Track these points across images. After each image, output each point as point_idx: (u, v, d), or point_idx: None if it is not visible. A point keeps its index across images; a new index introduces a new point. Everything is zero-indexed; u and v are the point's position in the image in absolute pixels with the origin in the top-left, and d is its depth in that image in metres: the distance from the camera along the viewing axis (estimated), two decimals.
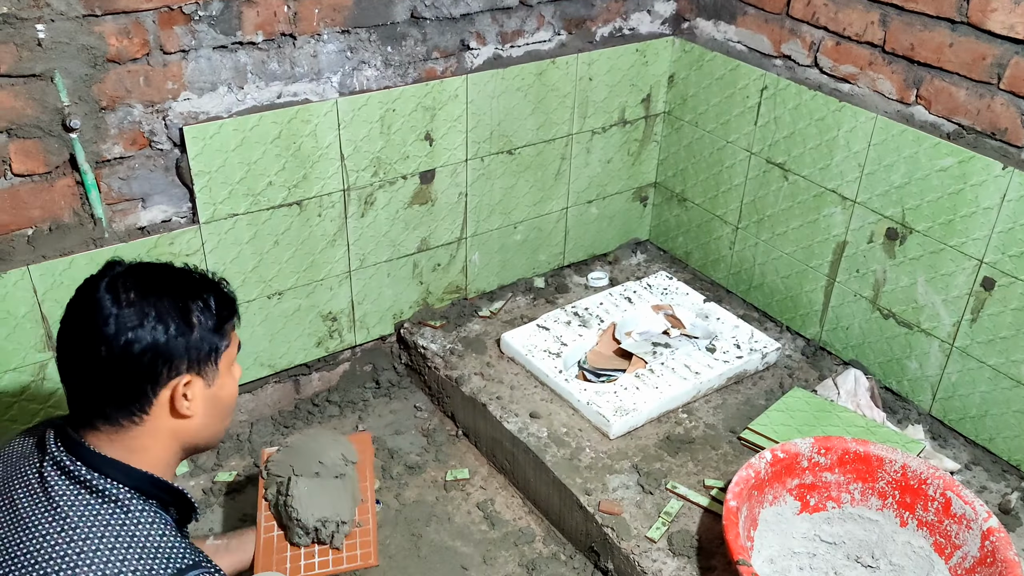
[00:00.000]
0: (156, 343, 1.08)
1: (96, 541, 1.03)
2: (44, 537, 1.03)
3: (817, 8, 2.08)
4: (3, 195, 1.67)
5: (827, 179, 2.14)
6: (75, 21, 1.60)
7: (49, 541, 1.03)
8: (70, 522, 1.04)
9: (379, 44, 1.97)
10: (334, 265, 2.12)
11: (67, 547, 1.02)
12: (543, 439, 1.97)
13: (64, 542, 1.03)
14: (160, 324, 1.09)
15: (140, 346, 1.07)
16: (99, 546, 1.03)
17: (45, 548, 1.03)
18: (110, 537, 1.04)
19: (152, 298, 1.10)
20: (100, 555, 1.02)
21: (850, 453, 1.79)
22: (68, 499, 1.06)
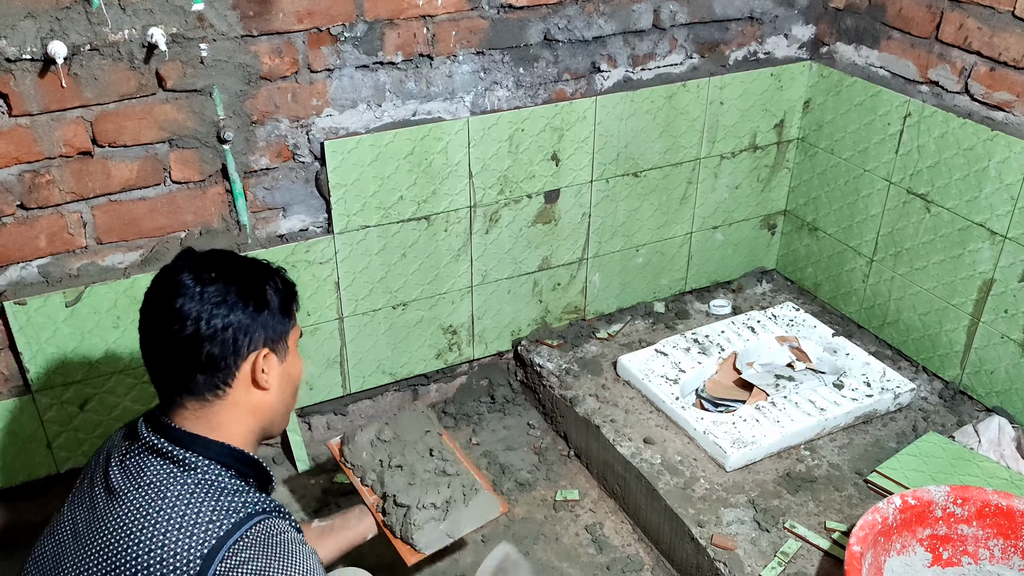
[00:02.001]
0: (238, 319, 1.17)
1: (172, 496, 1.12)
2: (130, 502, 1.13)
3: (970, 32, 1.97)
4: (162, 200, 1.80)
5: (974, 212, 2.02)
6: (234, 41, 1.72)
7: (132, 504, 1.13)
8: (152, 486, 1.14)
9: (512, 65, 2.02)
10: (457, 280, 2.16)
11: (147, 504, 1.12)
12: (656, 466, 1.94)
13: (144, 501, 1.12)
14: (240, 301, 1.18)
15: (223, 321, 1.16)
16: (175, 500, 1.12)
17: (129, 510, 1.12)
18: (185, 492, 1.13)
19: (231, 279, 1.19)
20: (175, 506, 1.11)
21: (991, 506, 1.67)
22: (152, 469, 1.15)
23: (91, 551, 1.13)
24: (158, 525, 1.09)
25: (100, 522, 1.14)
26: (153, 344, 1.19)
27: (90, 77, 1.63)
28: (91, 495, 1.19)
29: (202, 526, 1.09)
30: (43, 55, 1.57)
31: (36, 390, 1.81)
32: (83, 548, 1.14)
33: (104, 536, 1.12)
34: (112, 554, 1.10)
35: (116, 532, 1.11)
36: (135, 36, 1.63)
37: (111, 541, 1.11)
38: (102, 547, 1.12)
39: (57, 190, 1.70)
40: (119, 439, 1.25)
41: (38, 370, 1.79)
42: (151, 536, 1.09)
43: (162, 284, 1.19)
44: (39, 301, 1.73)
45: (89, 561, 1.12)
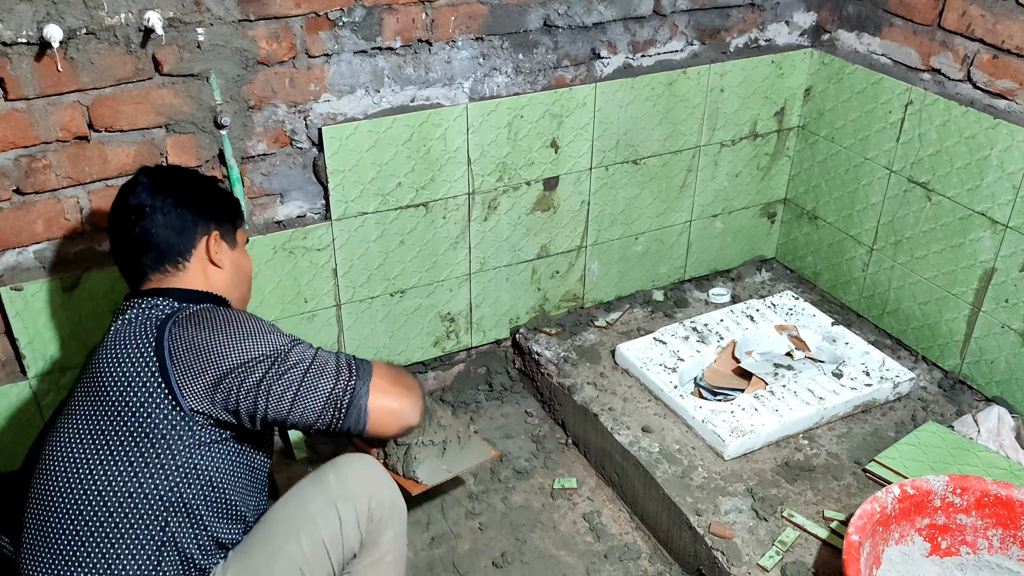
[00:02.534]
0: (190, 205, 1.45)
1: (135, 320, 1.38)
2: (107, 342, 1.38)
3: (973, 19, 1.96)
4: None
5: (976, 201, 2.01)
6: (231, 25, 1.70)
7: (108, 340, 1.38)
8: (122, 323, 1.38)
9: (511, 51, 2.00)
10: (455, 267, 2.16)
11: (116, 332, 1.37)
12: (654, 454, 1.94)
13: (114, 332, 1.38)
14: (191, 194, 1.47)
15: (177, 209, 1.44)
16: (136, 320, 1.37)
17: (106, 345, 1.37)
18: (142, 313, 1.39)
19: (182, 181, 1.49)
20: (138, 319, 1.37)
21: (990, 496, 1.67)
22: (123, 317, 1.39)
23: (82, 395, 1.36)
24: (125, 337, 1.34)
25: (94, 373, 1.35)
26: (120, 238, 1.44)
27: (86, 61, 1.62)
28: (89, 364, 1.39)
29: (162, 310, 1.38)
30: (39, 39, 1.56)
31: (33, 375, 1.81)
32: (83, 402, 1.35)
33: (94, 378, 1.34)
34: (96, 381, 1.33)
35: (100, 366, 1.34)
36: (131, 20, 1.62)
37: (98, 374, 1.34)
38: (91, 384, 1.34)
39: (54, 175, 1.69)
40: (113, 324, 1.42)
41: (35, 355, 1.79)
42: (122, 346, 1.33)
43: (124, 189, 1.46)
44: (36, 286, 1.73)
45: (84, 402, 1.35)
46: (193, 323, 1.33)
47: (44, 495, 1.32)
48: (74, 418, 1.34)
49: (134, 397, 1.29)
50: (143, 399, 1.29)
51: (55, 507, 1.30)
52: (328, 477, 1.41)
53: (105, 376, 1.32)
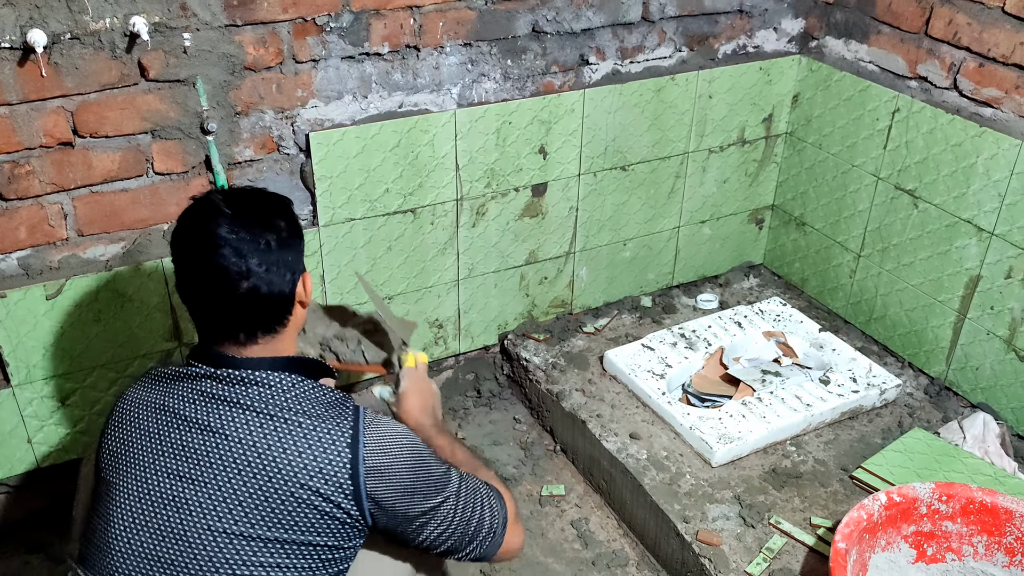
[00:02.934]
0: (287, 258, 1.25)
1: (289, 414, 1.19)
2: (247, 429, 1.18)
3: (959, 28, 1.97)
4: (145, 192, 1.78)
5: (962, 208, 2.02)
6: (218, 31, 1.69)
7: (251, 429, 1.18)
8: (262, 411, 1.19)
9: (499, 57, 2.00)
10: (443, 273, 2.15)
11: (267, 426, 1.18)
12: (642, 461, 1.94)
13: (263, 424, 1.18)
14: (285, 240, 1.25)
15: (278, 269, 1.23)
16: (293, 416, 1.19)
17: (251, 436, 1.17)
18: (296, 407, 1.20)
19: (268, 220, 1.25)
20: (296, 421, 1.18)
21: (975, 503, 1.67)
22: (251, 395, 1.20)
23: (222, 487, 1.16)
24: (294, 442, 1.16)
25: (216, 458, 1.17)
26: (211, 298, 1.22)
27: (71, 66, 1.60)
28: (174, 442, 1.20)
29: (330, 434, 1.18)
30: (22, 43, 1.54)
31: (16, 384, 1.79)
32: (207, 488, 1.17)
33: (234, 468, 1.16)
34: (256, 480, 1.15)
35: (250, 459, 1.16)
36: (117, 25, 1.60)
37: (246, 469, 1.15)
38: (236, 478, 1.15)
39: (37, 181, 1.67)
40: (162, 385, 1.25)
41: (18, 364, 1.77)
42: (295, 454, 1.16)
43: (204, 238, 1.21)
44: (19, 294, 1.71)
45: (228, 497, 1.16)
46: (387, 450, 1.21)
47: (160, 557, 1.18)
48: (205, 491, 1.17)
49: (313, 496, 1.16)
50: (322, 503, 1.17)
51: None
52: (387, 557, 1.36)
53: (264, 459, 1.16)
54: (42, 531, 1.94)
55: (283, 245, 1.24)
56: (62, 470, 1.92)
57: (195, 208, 1.26)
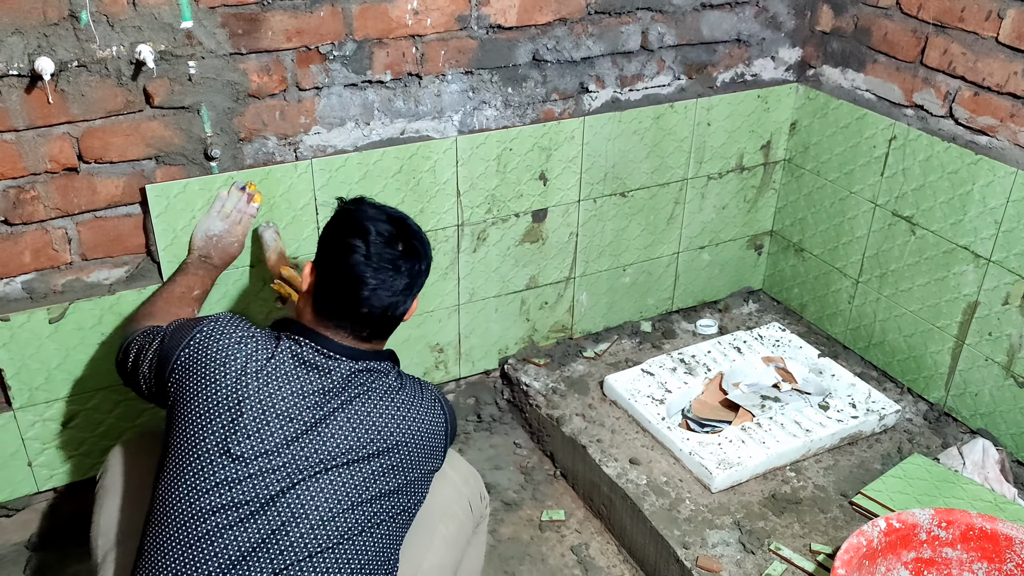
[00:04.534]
0: (421, 281, 1.44)
1: (410, 399, 1.43)
2: (384, 405, 1.39)
3: (954, 57, 2.00)
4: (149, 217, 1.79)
5: (959, 235, 2.03)
6: (223, 59, 1.72)
7: (388, 405, 1.39)
8: (398, 396, 1.42)
9: (500, 85, 2.02)
10: (444, 298, 2.16)
11: (398, 405, 1.41)
12: (642, 487, 1.94)
13: (395, 404, 1.41)
14: (424, 270, 1.44)
15: (416, 291, 1.43)
16: (412, 401, 1.43)
17: (388, 410, 1.39)
18: (411, 393, 1.45)
19: (415, 250, 1.41)
20: (414, 404, 1.43)
21: (975, 529, 1.67)
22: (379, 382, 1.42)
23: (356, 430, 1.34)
24: (417, 418, 1.41)
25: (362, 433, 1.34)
26: (373, 312, 1.36)
27: (77, 93, 1.63)
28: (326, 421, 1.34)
29: (433, 411, 1.46)
30: (30, 71, 1.56)
31: (18, 407, 1.79)
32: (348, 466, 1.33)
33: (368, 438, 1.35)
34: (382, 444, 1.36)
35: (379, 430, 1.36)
36: (123, 53, 1.63)
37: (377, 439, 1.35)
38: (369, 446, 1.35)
39: (42, 206, 1.69)
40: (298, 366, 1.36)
41: (21, 387, 1.78)
42: (418, 425, 1.41)
43: (351, 248, 1.35)
44: (23, 317, 1.72)
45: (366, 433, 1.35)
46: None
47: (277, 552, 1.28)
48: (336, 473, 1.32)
49: (428, 461, 1.43)
50: (432, 466, 1.45)
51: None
52: (445, 470, 1.56)
53: (393, 435, 1.37)
54: (42, 554, 1.93)
55: (426, 268, 1.43)
56: (63, 493, 1.92)
57: (373, 228, 1.37)
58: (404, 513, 1.39)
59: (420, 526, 1.50)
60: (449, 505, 1.56)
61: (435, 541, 1.51)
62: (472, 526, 1.61)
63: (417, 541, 1.49)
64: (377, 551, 1.34)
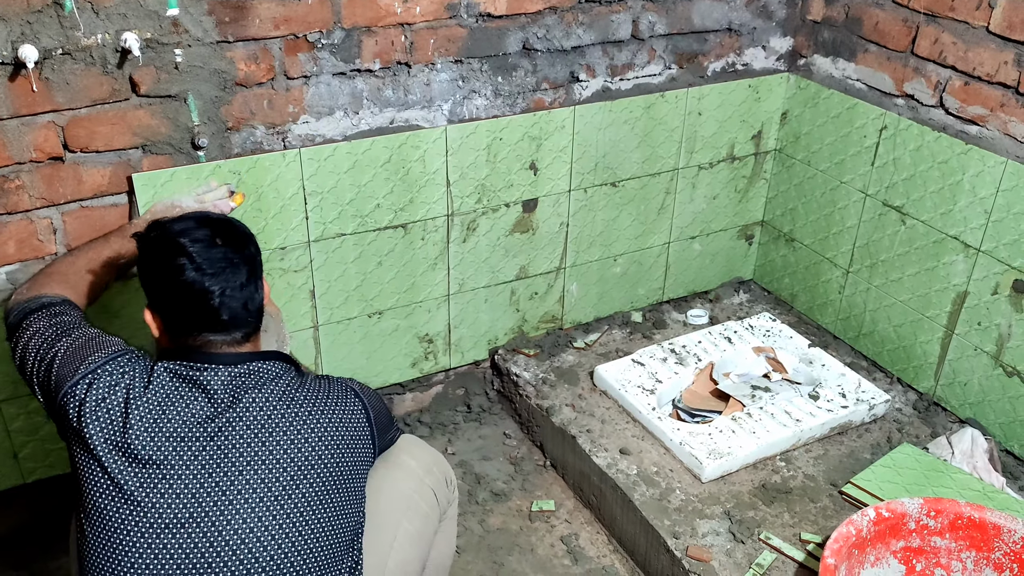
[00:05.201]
0: (253, 279, 1.35)
1: (296, 385, 1.35)
2: (289, 409, 1.31)
3: (945, 47, 1.99)
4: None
5: (949, 225, 2.03)
6: (210, 47, 1.70)
7: (295, 409, 1.32)
8: (294, 394, 1.33)
9: (490, 74, 2.01)
10: (434, 288, 2.15)
11: (302, 404, 1.33)
12: (632, 477, 1.94)
13: (298, 404, 1.32)
14: (250, 265, 1.35)
15: (251, 291, 1.34)
16: (314, 392, 1.35)
17: (297, 415, 1.31)
18: (311, 387, 1.36)
19: (247, 247, 1.36)
20: (317, 397, 1.35)
21: (963, 518, 1.68)
22: (272, 385, 1.33)
23: (276, 457, 1.26)
24: (326, 416, 1.32)
25: (259, 445, 1.26)
26: (220, 316, 1.30)
27: (62, 82, 1.61)
28: (200, 426, 1.25)
29: (345, 402, 1.37)
30: (13, 59, 1.54)
31: (2, 400, 1.78)
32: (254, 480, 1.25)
33: (284, 440, 1.27)
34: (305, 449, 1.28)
35: (295, 434, 1.28)
36: (108, 41, 1.61)
37: (294, 442, 1.28)
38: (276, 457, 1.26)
39: (27, 196, 1.67)
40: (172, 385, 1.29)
41: (4, 379, 1.76)
42: (328, 423, 1.32)
43: (179, 268, 1.29)
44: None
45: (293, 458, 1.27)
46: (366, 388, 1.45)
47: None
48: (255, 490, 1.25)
49: (351, 456, 1.35)
50: (360, 458, 1.37)
51: None
52: (405, 460, 1.54)
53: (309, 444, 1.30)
54: (26, 547, 1.92)
55: (257, 251, 1.37)
56: (48, 486, 1.91)
57: (187, 240, 1.30)
58: (344, 518, 1.32)
59: (382, 524, 1.46)
60: (411, 498, 1.51)
61: (399, 538, 1.47)
62: (438, 516, 1.56)
63: (380, 540, 1.45)
64: (326, 561, 1.28)
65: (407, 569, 1.48)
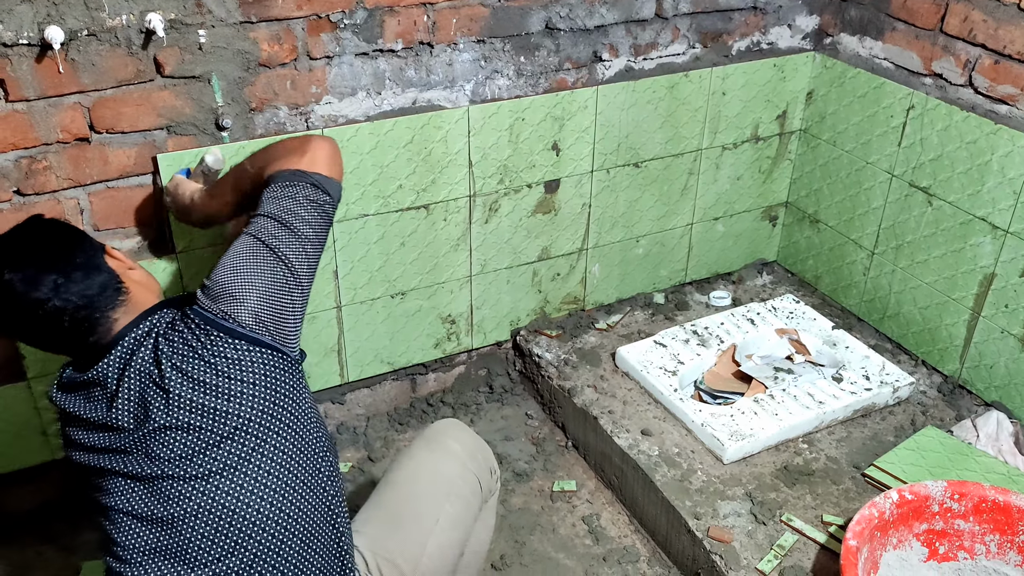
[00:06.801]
0: (76, 260, 1.28)
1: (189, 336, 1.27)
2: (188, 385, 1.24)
3: (975, 24, 1.96)
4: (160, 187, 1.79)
5: (976, 206, 2.01)
6: (233, 27, 1.70)
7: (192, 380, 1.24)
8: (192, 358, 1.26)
9: (512, 54, 2.00)
10: (456, 269, 2.16)
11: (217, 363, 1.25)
12: (653, 457, 1.94)
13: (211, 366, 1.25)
14: (67, 249, 1.29)
15: (82, 271, 1.27)
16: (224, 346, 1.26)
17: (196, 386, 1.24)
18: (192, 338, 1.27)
19: (40, 252, 1.27)
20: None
21: (988, 501, 1.67)
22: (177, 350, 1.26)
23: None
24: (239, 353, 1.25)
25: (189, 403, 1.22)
26: (57, 329, 1.25)
27: (87, 63, 1.62)
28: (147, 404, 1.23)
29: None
30: (40, 40, 1.56)
31: (32, 377, 1.81)
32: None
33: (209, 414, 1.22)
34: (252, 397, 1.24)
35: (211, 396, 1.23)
36: (133, 22, 1.62)
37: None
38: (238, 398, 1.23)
39: (54, 176, 1.69)
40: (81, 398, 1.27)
41: (33, 357, 1.79)
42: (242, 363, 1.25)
43: (19, 306, 1.23)
44: None
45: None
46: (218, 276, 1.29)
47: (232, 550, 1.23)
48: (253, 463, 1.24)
49: (267, 391, 1.26)
50: (276, 382, 1.27)
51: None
52: (449, 444, 1.54)
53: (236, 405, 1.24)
54: (55, 521, 1.96)
55: (62, 249, 1.27)
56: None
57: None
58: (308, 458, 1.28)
59: (423, 506, 1.47)
60: (454, 482, 1.51)
61: (440, 521, 1.47)
62: (480, 503, 1.56)
63: (421, 521, 1.45)
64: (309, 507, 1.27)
65: (445, 553, 1.47)
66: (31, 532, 1.94)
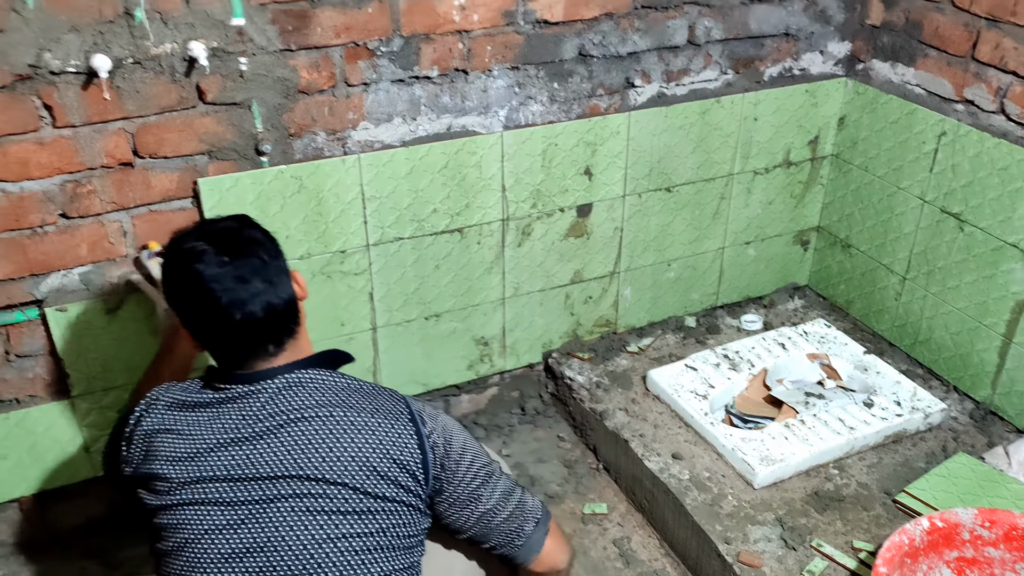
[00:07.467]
0: (279, 264, 1.33)
1: (334, 401, 1.30)
2: (309, 424, 1.26)
3: (1006, 52, 1.96)
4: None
5: (1008, 232, 2.00)
6: (273, 55, 1.74)
7: (308, 432, 1.26)
8: (320, 404, 1.29)
9: (546, 80, 2.03)
10: (489, 291, 2.18)
11: (331, 417, 1.28)
12: (684, 481, 1.94)
13: (325, 416, 1.28)
14: (271, 247, 1.34)
15: (277, 275, 1.31)
16: (345, 401, 1.31)
17: (311, 439, 1.26)
18: (346, 395, 1.32)
19: (248, 239, 1.32)
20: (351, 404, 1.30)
21: (1019, 529, 1.66)
22: (299, 397, 1.29)
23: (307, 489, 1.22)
24: (360, 429, 1.26)
25: (291, 464, 1.23)
26: (234, 327, 1.26)
27: (132, 90, 1.66)
28: (243, 464, 1.24)
29: (392, 413, 1.29)
30: (86, 68, 1.60)
31: (76, 395, 1.85)
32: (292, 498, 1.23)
33: (312, 467, 1.23)
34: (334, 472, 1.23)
35: (323, 456, 1.23)
36: (176, 50, 1.66)
37: (323, 466, 1.23)
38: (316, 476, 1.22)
39: (98, 200, 1.73)
40: (196, 413, 1.28)
41: (78, 375, 1.83)
42: (363, 439, 1.25)
43: (203, 280, 1.26)
44: (79, 308, 1.77)
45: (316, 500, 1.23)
46: (439, 420, 1.33)
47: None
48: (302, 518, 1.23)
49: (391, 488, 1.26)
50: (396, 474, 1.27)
51: None
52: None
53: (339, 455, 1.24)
54: (99, 537, 2.00)
55: (271, 255, 1.32)
56: None
57: (181, 257, 1.30)
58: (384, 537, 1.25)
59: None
60: None
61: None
62: None
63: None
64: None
65: None
66: (75, 548, 1.98)
